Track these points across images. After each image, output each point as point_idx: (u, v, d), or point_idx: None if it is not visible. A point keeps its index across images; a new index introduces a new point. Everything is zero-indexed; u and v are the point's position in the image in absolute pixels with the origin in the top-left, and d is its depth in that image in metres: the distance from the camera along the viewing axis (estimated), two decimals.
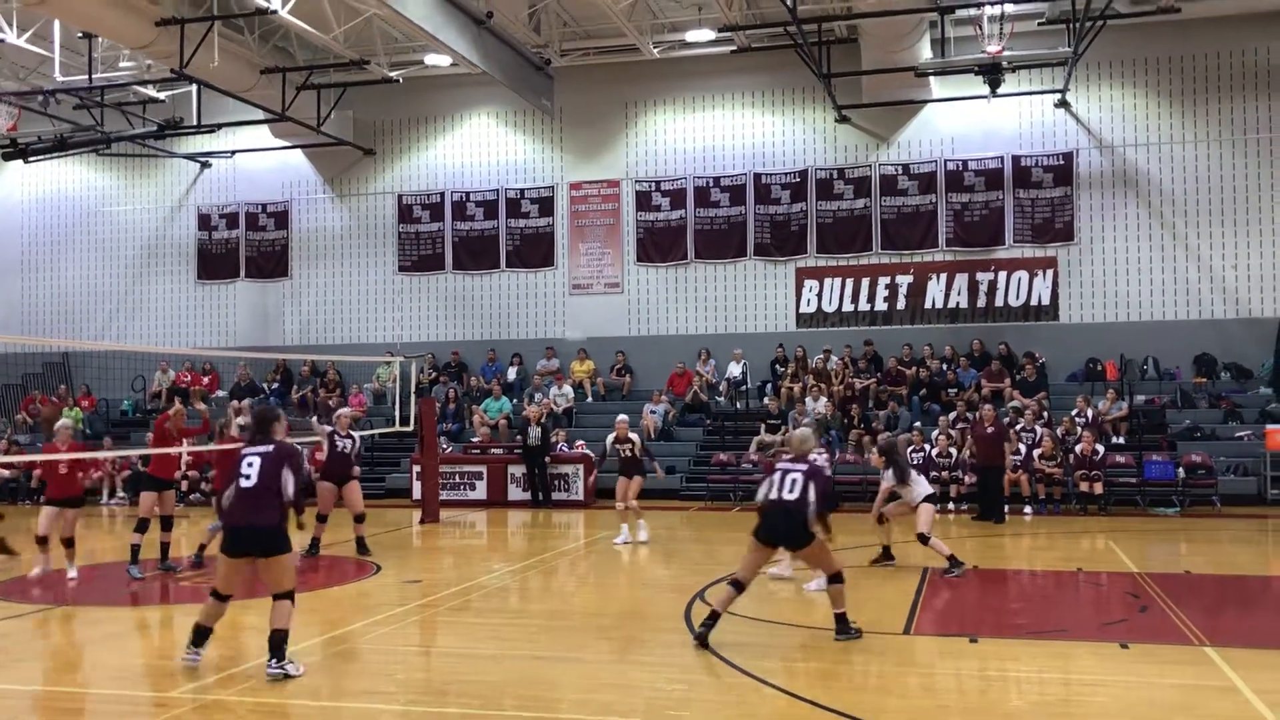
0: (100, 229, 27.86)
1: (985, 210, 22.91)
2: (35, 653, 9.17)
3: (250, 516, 8.03)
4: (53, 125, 24.51)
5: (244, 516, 8.05)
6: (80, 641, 9.64)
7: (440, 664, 8.77)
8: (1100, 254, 22.37)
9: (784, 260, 23.82)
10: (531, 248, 25.12)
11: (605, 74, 24.31)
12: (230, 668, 8.29)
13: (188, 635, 8.23)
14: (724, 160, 24.19)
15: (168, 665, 8.58)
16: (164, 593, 12.14)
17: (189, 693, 7.57)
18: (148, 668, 8.62)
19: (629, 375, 24.09)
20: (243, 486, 8.11)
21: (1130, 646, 8.71)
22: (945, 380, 21.93)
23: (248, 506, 8.06)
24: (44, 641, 9.67)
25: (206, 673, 8.07)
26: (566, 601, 11.51)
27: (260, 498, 8.06)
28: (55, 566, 12.83)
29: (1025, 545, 15.56)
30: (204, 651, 8.20)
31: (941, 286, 23.04)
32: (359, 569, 13.21)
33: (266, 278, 26.64)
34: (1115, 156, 22.41)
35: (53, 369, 27.61)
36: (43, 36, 21.49)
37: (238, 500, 8.11)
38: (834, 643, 8.93)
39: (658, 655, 8.67)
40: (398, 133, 26.01)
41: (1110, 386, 20.99)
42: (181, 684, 7.78)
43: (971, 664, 8.39)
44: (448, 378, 24.46)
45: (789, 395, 22.15)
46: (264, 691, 7.72)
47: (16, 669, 8.57)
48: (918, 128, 23.34)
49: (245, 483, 8.11)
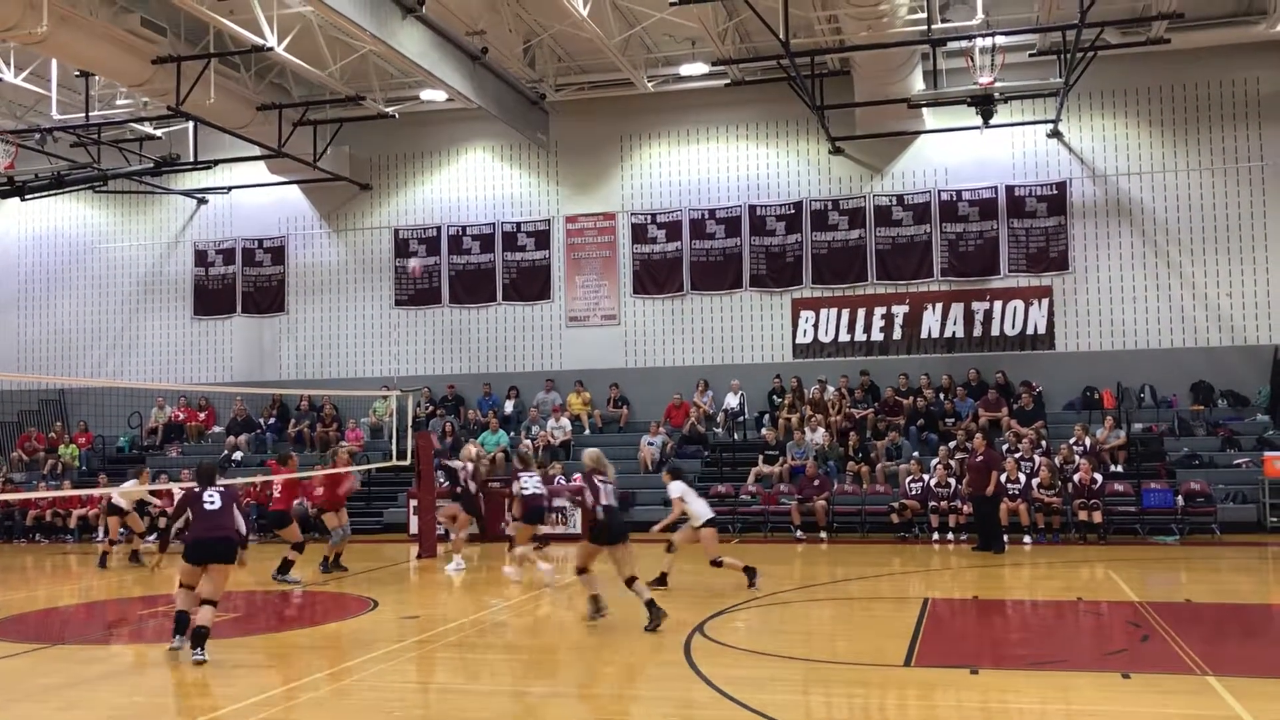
0: (97, 266, 27.89)
1: (980, 240, 22.99)
2: (29, 691, 9.09)
3: (214, 532, 10.36)
4: (50, 163, 24.58)
5: (209, 532, 10.36)
6: (76, 680, 9.56)
7: (438, 700, 8.70)
8: (1095, 282, 22.43)
9: (780, 291, 23.87)
10: (528, 281, 25.17)
11: (600, 108, 24.45)
12: (224, 706, 8.22)
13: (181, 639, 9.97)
14: (719, 192, 24.29)
15: (167, 704, 8.51)
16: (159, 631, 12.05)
17: None
18: (146, 706, 8.54)
19: (626, 407, 24.07)
20: (208, 510, 10.43)
21: (1132, 676, 8.66)
22: (942, 410, 21.93)
23: (213, 525, 10.39)
24: (38, 680, 9.59)
25: (201, 712, 8.00)
26: (564, 636, 11.43)
27: (221, 519, 10.45)
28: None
29: (1025, 575, 15.51)
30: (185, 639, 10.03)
31: (937, 316, 23.07)
32: (357, 605, 13.14)
33: (263, 313, 26.65)
34: (1108, 185, 22.52)
35: (49, 406, 27.55)
36: (40, 75, 21.60)
37: (205, 521, 10.42)
38: (836, 675, 8.86)
39: (656, 689, 8.61)
40: (394, 168, 26.11)
41: (1108, 414, 20.98)
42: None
43: (973, 696, 8.34)
44: (444, 411, 24.42)
45: (786, 426, 22.13)
46: None
47: (11, 709, 8.50)
48: (911, 158, 23.46)
49: (210, 508, 10.45)
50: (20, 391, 27.62)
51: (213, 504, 10.50)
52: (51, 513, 22.49)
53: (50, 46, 17.92)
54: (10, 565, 15.84)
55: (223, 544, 10.34)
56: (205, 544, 10.33)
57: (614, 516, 11.40)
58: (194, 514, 10.58)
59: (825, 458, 21.12)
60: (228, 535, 10.38)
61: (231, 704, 8.31)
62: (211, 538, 10.36)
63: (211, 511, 10.44)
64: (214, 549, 10.33)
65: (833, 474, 20.79)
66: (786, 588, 13.83)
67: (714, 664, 9.05)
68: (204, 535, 10.37)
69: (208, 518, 10.43)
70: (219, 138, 23.45)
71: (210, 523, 10.41)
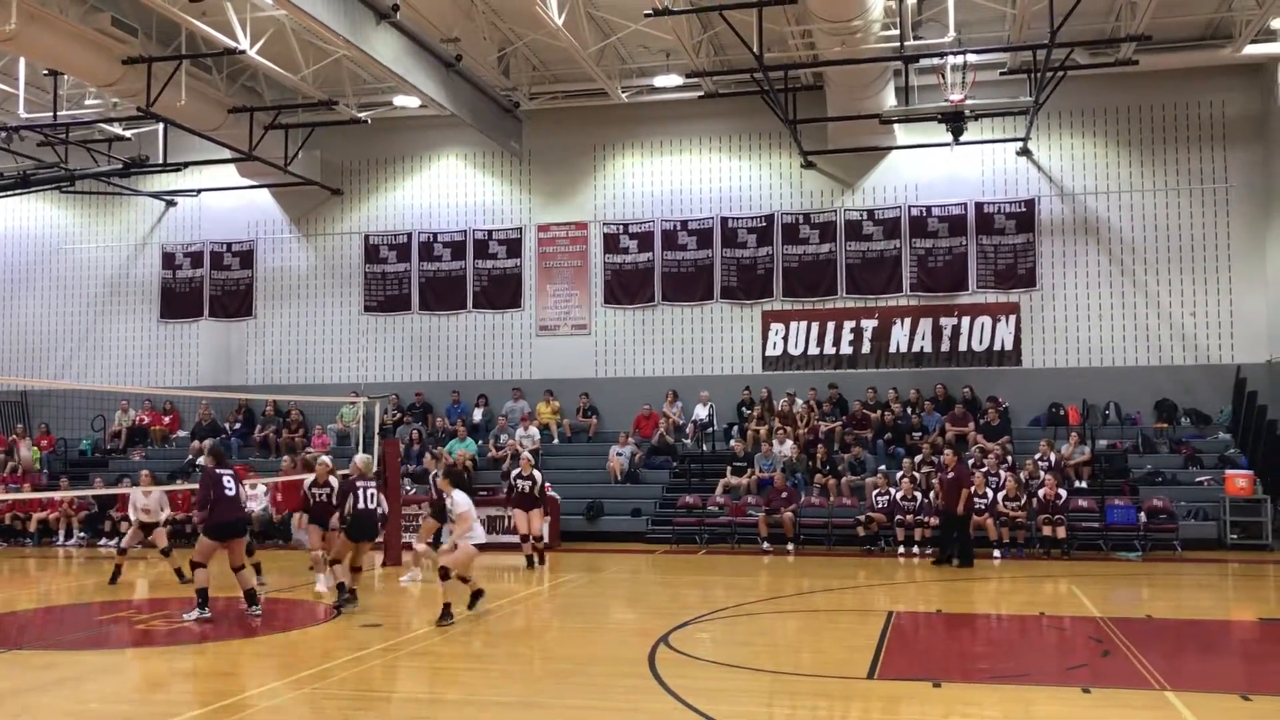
0: (62, 267, 27.59)
1: (949, 256, 23.16)
2: None
3: (236, 513, 12.62)
4: (16, 162, 24.29)
5: (231, 512, 12.44)
6: (31, 685, 9.42)
7: (400, 710, 8.64)
8: (1062, 300, 22.64)
9: (750, 303, 23.94)
10: (499, 289, 25.11)
11: (574, 117, 24.47)
12: (178, 713, 8.13)
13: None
14: (691, 204, 24.35)
15: (123, 710, 8.41)
16: (119, 636, 11.91)
17: None
18: (102, 712, 8.43)
19: (595, 417, 24.05)
20: (229, 493, 12.38)
21: (1092, 691, 8.72)
22: (910, 424, 22.04)
23: (234, 505, 12.52)
24: None
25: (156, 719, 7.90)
26: (530, 645, 11.39)
27: (237, 499, 12.64)
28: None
29: (990, 589, 15.59)
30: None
31: (906, 331, 23.21)
32: (321, 613, 13.04)
33: (230, 317, 26.44)
34: (1076, 204, 22.75)
35: (11, 407, 27.21)
36: (7, 73, 21.38)
37: (227, 502, 12.35)
38: (799, 687, 8.86)
39: (621, 700, 8.59)
40: (365, 173, 26.01)
41: (1073, 431, 21.16)
42: None
43: (935, 709, 8.37)
44: (411, 419, 24.30)
45: (754, 437, 22.17)
46: None
47: None
48: (882, 174, 23.62)
49: (229, 491, 12.40)
50: None
51: (230, 488, 12.40)
52: (11, 516, 22.19)
53: (18, 44, 17.72)
54: None
55: (242, 522, 12.84)
56: (229, 524, 12.35)
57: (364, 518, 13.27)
58: (216, 496, 12.24)
59: (793, 470, 21.16)
60: (244, 514, 12.96)
61: (189, 710, 8.22)
62: (234, 517, 12.50)
63: (231, 493, 12.39)
64: (235, 527, 12.51)
65: (800, 486, 20.84)
66: (752, 599, 13.84)
67: (679, 675, 9.03)
68: (228, 516, 12.34)
69: (229, 499, 12.35)
70: (189, 140, 23.26)
71: (232, 504, 12.42)
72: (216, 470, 12.54)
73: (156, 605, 13.94)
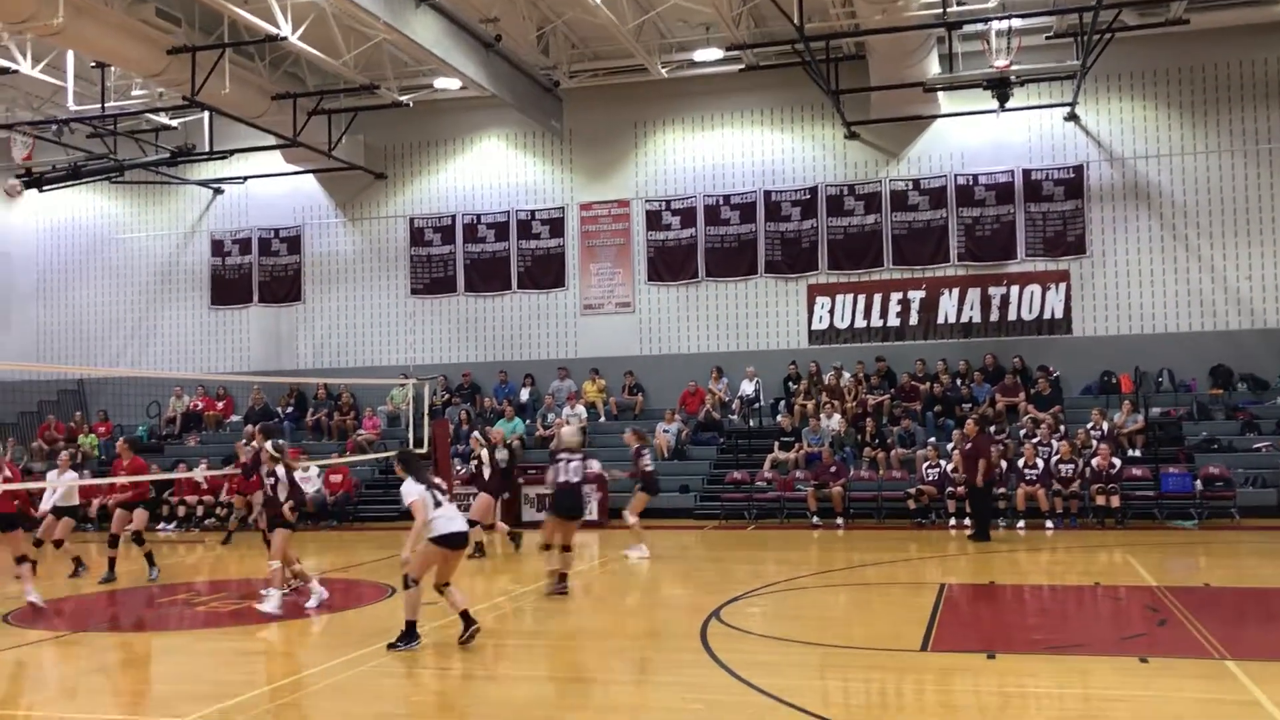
0: (114, 256, 28.02)
1: (996, 224, 22.88)
2: (51, 679, 9.17)
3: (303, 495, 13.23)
4: (66, 154, 24.72)
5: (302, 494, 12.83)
6: (97, 667, 9.64)
7: (455, 686, 8.74)
8: (1113, 266, 22.30)
9: (795, 277, 23.81)
10: (542, 269, 25.17)
11: (614, 94, 24.40)
12: (243, 693, 8.28)
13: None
14: (734, 178, 24.23)
15: (186, 690, 8.58)
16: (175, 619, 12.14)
17: (208, 717, 7.55)
18: (166, 693, 8.61)
19: (641, 394, 24.07)
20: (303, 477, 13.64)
21: (1150, 660, 8.63)
22: (959, 395, 21.85)
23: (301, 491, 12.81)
24: (60, 667, 9.68)
25: (222, 698, 8.06)
26: (581, 622, 11.47)
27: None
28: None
29: (1042, 560, 15.48)
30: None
31: (954, 301, 22.99)
32: (374, 592, 13.21)
33: (280, 302, 26.73)
34: (1126, 169, 22.37)
35: (68, 396, 27.73)
36: (56, 67, 21.67)
37: (299, 488, 12.53)
38: (851, 660, 8.86)
39: (673, 675, 8.63)
40: (408, 156, 26.13)
41: (1125, 399, 20.88)
42: (201, 708, 7.77)
43: (990, 680, 8.33)
44: (460, 399, 24.48)
45: (802, 412, 22.10)
46: (282, 715, 7.72)
47: (33, 696, 8.58)
48: (927, 143, 23.34)
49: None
50: (40, 381, 27.80)
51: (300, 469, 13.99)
52: None
53: (66, 38, 17.96)
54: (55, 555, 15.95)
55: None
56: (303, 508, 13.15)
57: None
58: (291, 483, 12.26)
59: (841, 444, 21.09)
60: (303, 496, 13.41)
61: (251, 689, 8.37)
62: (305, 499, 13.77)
63: (305, 477, 13.67)
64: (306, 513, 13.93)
65: (849, 460, 20.77)
66: (803, 573, 13.83)
67: (731, 649, 9.06)
68: (304, 499, 13.14)
69: (299, 486, 12.64)
70: (234, 127, 23.49)
71: (302, 489, 12.91)
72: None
73: (215, 587, 14.20)
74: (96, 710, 8.08)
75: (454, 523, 9.48)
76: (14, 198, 26.28)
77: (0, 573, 14.65)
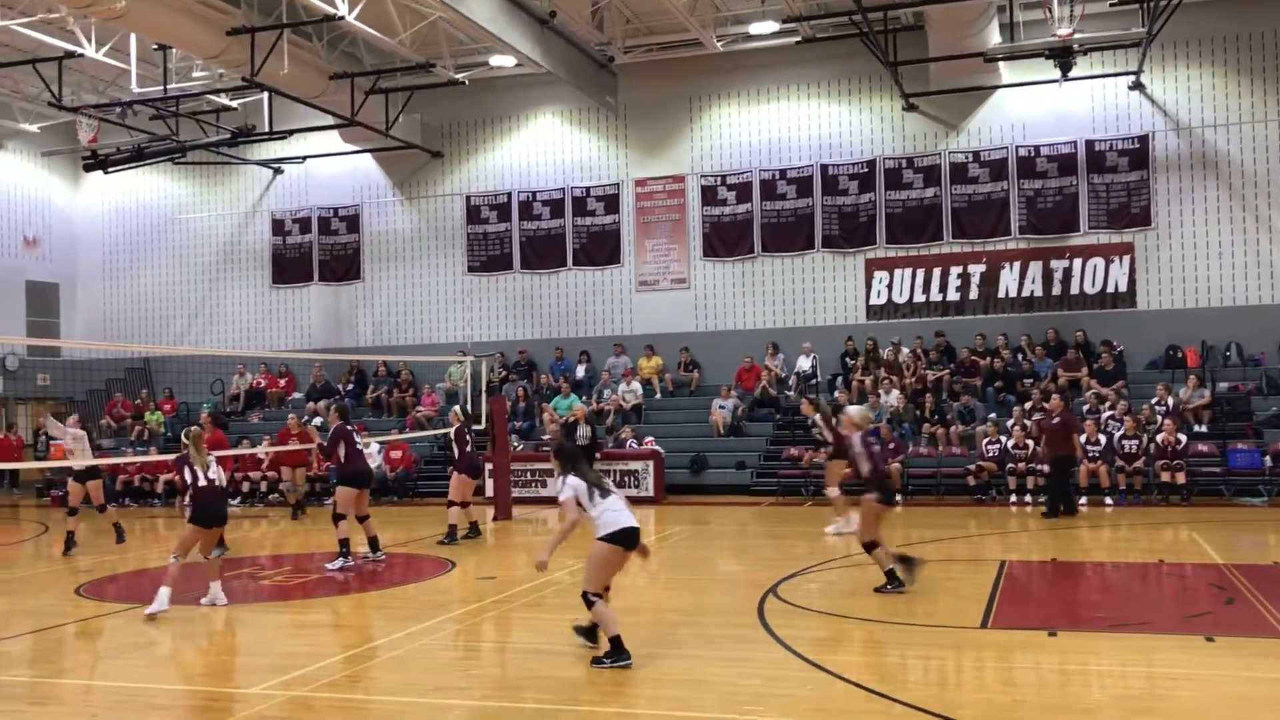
0: (177, 236, 28.50)
1: (1059, 196, 22.49)
2: (120, 649, 9.40)
3: (365, 465, 13.73)
4: (130, 136, 25.15)
5: (363, 463, 13.62)
6: (164, 638, 9.86)
7: (514, 660, 8.83)
8: (1179, 238, 21.84)
9: (853, 252, 23.61)
10: (598, 245, 25.18)
11: (669, 69, 24.28)
12: (308, 665, 8.43)
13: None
14: (790, 152, 24.03)
15: (250, 662, 8.75)
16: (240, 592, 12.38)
17: (271, 689, 7.71)
18: (231, 664, 8.79)
19: (696, 371, 24.05)
20: (359, 448, 13.48)
21: (1216, 639, 8.48)
22: (1020, 370, 21.57)
23: (363, 458, 13.62)
24: (129, 638, 9.92)
25: (287, 670, 8.21)
26: (639, 597, 11.51)
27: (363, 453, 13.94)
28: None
29: (1105, 537, 15.26)
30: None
31: (1015, 275, 22.66)
32: (435, 566, 13.36)
33: (339, 281, 27.05)
34: (1193, 138, 21.85)
35: (135, 374, 28.32)
36: (120, 50, 22.02)
37: (359, 457, 13.42)
38: (910, 637, 8.81)
39: (732, 650, 8.64)
40: (464, 135, 26.23)
41: (1191, 374, 20.49)
42: (264, 680, 7.93)
43: (1051, 658, 8.24)
44: (517, 376, 24.62)
45: (860, 388, 21.95)
46: (344, 687, 7.85)
47: (104, 665, 8.80)
48: (988, 114, 22.97)
49: (360, 446, 13.60)
50: (107, 360, 28.41)
51: (360, 442, 13.70)
52: (140, 477, 23.13)
53: (129, 21, 18.23)
54: (102, 529, 16.35)
55: (369, 474, 13.93)
56: (364, 474, 13.46)
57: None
58: (349, 451, 13.18)
59: (900, 420, 20.92)
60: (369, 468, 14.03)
61: (315, 662, 8.51)
62: (367, 469, 13.70)
63: (361, 447, 13.62)
64: (367, 479, 13.62)
65: (907, 436, 20.60)
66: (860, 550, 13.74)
67: (788, 625, 9.05)
68: (363, 467, 13.50)
69: (359, 452, 13.42)
70: (293, 108, 23.74)
71: (362, 456, 13.53)
72: (345, 426, 13.42)
73: (278, 561, 14.46)
74: (165, 680, 8.28)
75: (621, 516, 8.26)
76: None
77: (77, 549, 15.04)
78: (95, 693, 7.93)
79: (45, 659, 9.28)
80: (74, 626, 10.43)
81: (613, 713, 7.13)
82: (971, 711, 6.83)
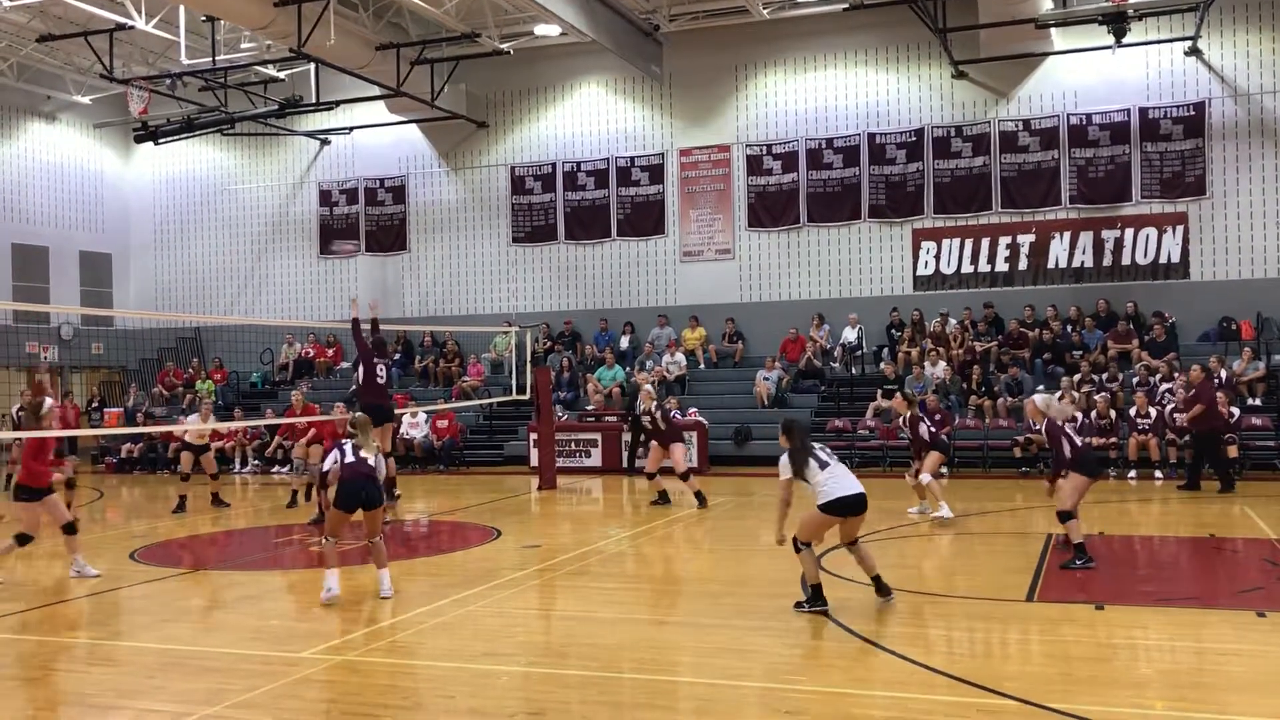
0: (226, 207, 28.80)
1: (1111, 165, 22.11)
2: (174, 613, 9.59)
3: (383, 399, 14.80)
4: (180, 107, 25.42)
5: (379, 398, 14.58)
6: (217, 603, 10.05)
7: (559, 627, 8.90)
8: (1235, 208, 21.41)
9: (900, 222, 23.38)
10: (642, 216, 25.13)
11: (714, 38, 24.10)
12: (354, 630, 8.55)
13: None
14: (836, 121, 23.80)
15: (300, 627, 8.90)
16: (293, 557, 12.57)
17: (320, 653, 7.83)
18: (281, 629, 8.94)
19: (741, 341, 23.99)
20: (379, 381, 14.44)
21: (1268, 615, 8.37)
22: (1070, 342, 21.30)
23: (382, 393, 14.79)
24: (183, 603, 10.11)
25: (332, 636, 8.34)
26: (683, 567, 11.56)
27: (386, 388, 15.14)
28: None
29: (1154, 511, 15.09)
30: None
31: (1065, 245, 22.35)
32: (480, 534, 13.49)
33: (386, 251, 27.23)
34: (1251, 105, 21.37)
35: (186, 343, 28.74)
36: (169, 22, 22.22)
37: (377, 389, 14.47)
38: (954, 609, 8.77)
39: (774, 620, 8.65)
40: (509, 105, 26.23)
41: (1246, 346, 20.13)
42: (313, 645, 8.05)
43: (1098, 631, 8.17)
44: (561, 346, 24.70)
45: (906, 360, 21.79)
46: (392, 653, 7.96)
47: (159, 629, 8.99)
48: (1038, 81, 22.59)
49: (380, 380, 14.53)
50: (159, 329, 28.87)
51: (382, 375, 14.55)
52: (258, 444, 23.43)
53: None
54: (155, 495, 16.69)
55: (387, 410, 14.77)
56: (376, 408, 13.52)
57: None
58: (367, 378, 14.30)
59: (946, 391, 20.76)
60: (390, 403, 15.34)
61: (362, 628, 8.64)
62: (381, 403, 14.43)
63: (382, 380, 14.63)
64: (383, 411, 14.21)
65: (954, 408, 20.43)
66: (905, 522, 13.71)
67: (831, 596, 9.03)
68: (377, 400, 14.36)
69: (379, 386, 14.56)
70: (339, 79, 23.86)
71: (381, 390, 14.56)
72: (374, 356, 14.39)
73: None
74: (216, 644, 8.43)
75: (843, 484, 8.63)
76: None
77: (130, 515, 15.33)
78: (149, 655, 8.10)
79: (101, 622, 9.49)
80: (128, 589, 10.64)
81: (655, 680, 7.18)
82: (1016, 684, 6.79)
